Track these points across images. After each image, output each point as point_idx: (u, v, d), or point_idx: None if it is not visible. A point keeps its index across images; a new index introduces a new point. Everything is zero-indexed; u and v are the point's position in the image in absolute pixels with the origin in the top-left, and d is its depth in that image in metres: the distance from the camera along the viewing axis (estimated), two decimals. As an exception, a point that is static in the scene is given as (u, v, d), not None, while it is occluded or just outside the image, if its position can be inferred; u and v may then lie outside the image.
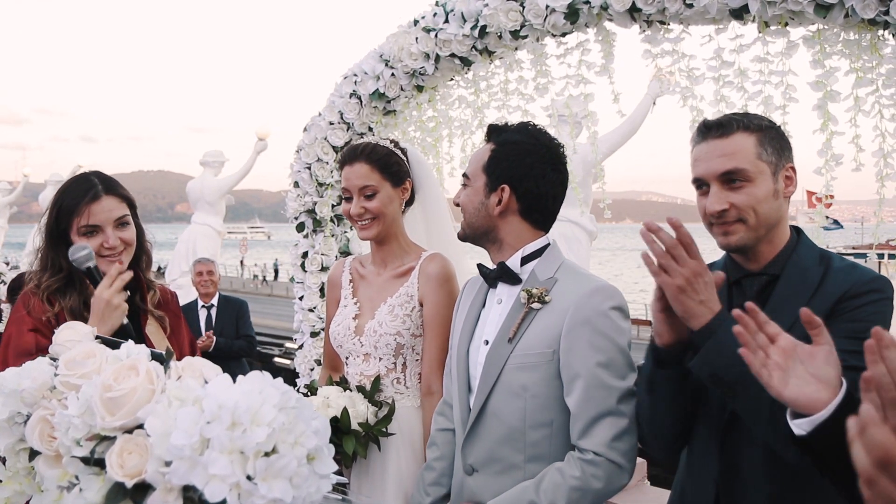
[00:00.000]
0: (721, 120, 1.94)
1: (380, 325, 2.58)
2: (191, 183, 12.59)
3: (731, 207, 1.88)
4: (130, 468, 1.20)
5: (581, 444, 1.97)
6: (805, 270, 1.86)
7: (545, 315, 2.05)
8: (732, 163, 1.87)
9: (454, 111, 3.89)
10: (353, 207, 2.60)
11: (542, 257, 2.15)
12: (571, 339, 1.99)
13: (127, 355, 1.40)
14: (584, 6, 2.94)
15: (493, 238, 2.18)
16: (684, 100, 3.05)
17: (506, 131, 2.18)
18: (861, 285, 1.77)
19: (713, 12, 2.65)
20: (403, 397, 2.61)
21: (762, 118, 1.94)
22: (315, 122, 3.88)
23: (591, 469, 1.94)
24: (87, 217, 2.31)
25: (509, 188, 2.12)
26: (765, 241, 1.91)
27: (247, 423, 1.14)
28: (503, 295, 2.18)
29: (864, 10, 2.40)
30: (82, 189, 2.34)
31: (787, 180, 1.90)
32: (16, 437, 1.44)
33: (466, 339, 2.23)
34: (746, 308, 1.51)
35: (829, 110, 2.72)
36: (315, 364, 4.02)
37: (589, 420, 1.96)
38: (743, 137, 1.88)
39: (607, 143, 8.08)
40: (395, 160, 2.64)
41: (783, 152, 1.90)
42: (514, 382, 2.06)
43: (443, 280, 2.56)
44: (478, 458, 2.12)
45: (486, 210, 2.15)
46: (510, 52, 3.33)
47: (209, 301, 6.60)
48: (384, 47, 3.57)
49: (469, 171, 2.21)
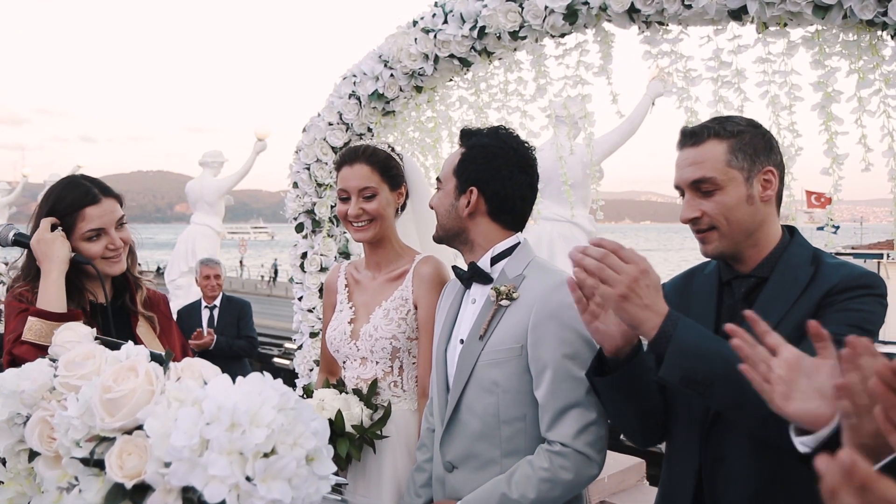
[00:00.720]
0: (695, 128, 1.96)
1: (375, 329, 2.59)
2: (190, 183, 12.59)
3: (703, 215, 1.90)
4: (130, 469, 1.20)
5: (549, 436, 2.01)
6: (795, 269, 1.87)
7: (513, 311, 2.09)
8: (701, 171, 1.89)
9: (454, 112, 3.89)
10: (351, 208, 2.59)
11: (512, 256, 2.19)
12: (538, 333, 2.04)
13: (126, 356, 1.40)
14: (582, 7, 2.95)
15: (463, 239, 2.23)
16: (680, 101, 3.06)
17: (476, 135, 2.23)
18: (850, 280, 1.77)
19: (712, 13, 2.65)
20: (400, 400, 2.61)
21: (741, 122, 1.94)
22: (314, 122, 3.88)
23: (560, 460, 1.98)
24: (91, 220, 2.31)
25: (477, 190, 2.17)
26: (747, 245, 1.92)
27: (246, 425, 1.14)
28: (477, 294, 2.23)
29: (862, 12, 2.40)
30: (79, 193, 2.34)
31: (766, 184, 1.89)
32: (15, 439, 1.44)
33: (444, 339, 2.28)
34: (746, 317, 1.47)
35: (831, 111, 2.73)
36: (314, 364, 4.02)
37: (556, 412, 2.00)
38: (713, 145, 1.89)
39: (606, 143, 8.08)
40: (394, 164, 2.65)
41: (758, 156, 1.89)
42: (485, 378, 2.10)
43: (437, 282, 2.57)
44: (456, 455, 2.16)
45: (456, 212, 2.20)
46: (509, 53, 3.33)
47: (212, 302, 6.59)
48: (383, 48, 3.57)
49: (441, 175, 2.27)
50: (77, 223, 2.32)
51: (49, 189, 2.40)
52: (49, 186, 2.41)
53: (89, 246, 2.33)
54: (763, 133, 1.94)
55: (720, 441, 1.88)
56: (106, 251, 2.34)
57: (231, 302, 6.71)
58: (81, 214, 2.31)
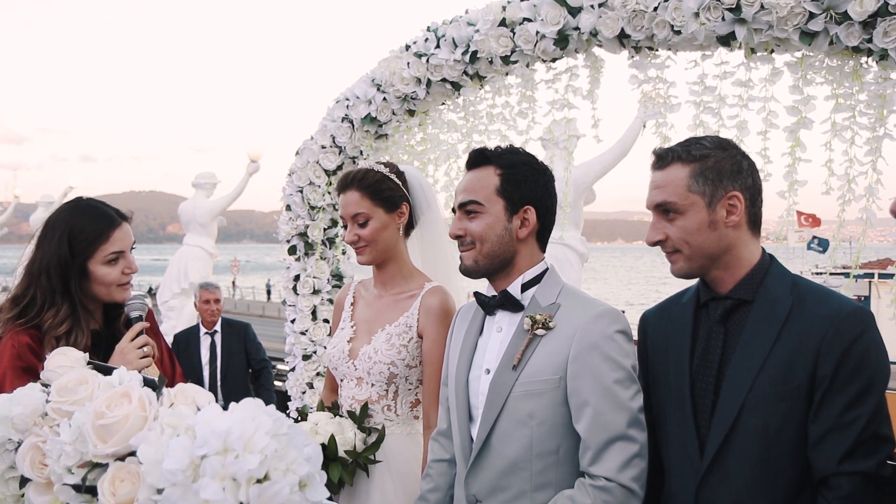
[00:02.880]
0: (662, 151, 1.98)
1: (375, 352, 2.57)
2: (183, 204, 12.57)
3: (668, 239, 1.94)
4: (122, 496, 1.20)
5: (592, 471, 1.93)
6: (774, 302, 1.88)
7: (550, 341, 2.02)
8: (662, 195, 1.92)
9: (444, 135, 3.90)
10: (347, 235, 2.62)
11: (543, 283, 2.13)
12: (578, 365, 1.97)
13: (119, 382, 1.40)
14: (573, 32, 2.98)
15: (507, 264, 2.13)
16: (657, 127, 3.09)
17: (505, 153, 2.16)
18: (840, 321, 1.78)
19: (701, 39, 2.69)
20: (393, 424, 2.60)
21: (708, 145, 1.93)
22: (307, 145, 3.90)
23: (603, 496, 1.90)
24: (115, 243, 2.30)
25: (534, 209, 2.11)
26: (716, 268, 1.93)
27: (239, 450, 1.14)
28: (503, 323, 2.14)
29: (848, 38, 2.44)
30: (102, 216, 2.32)
31: (731, 208, 1.89)
32: (6, 465, 1.44)
33: (465, 368, 2.19)
34: None
35: (799, 136, 2.76)
36: (307, 387, 4.01)
37: (599, 446, 1.92)
38: (676, 169, 1.91)
39: (598, 165, 8.14)
40: (388, 185, 2.61)
41: (721, 181, 1.89)
42: (520, 410, 2.02)
43: (443, 315, 2.54)
44: (482, 489, 2.08)
45: (510, 235, 2.11)
46: (500, 78, 3.36)
47: (212, 328, 6.32)
48: (376, 72, 3.60)
49: (479, 198, 2.12)
50: (101, 246, 2.29)
51: (57, 217, 2.32)
52: (56, 211, 2.35)
53: (109, 270, 2.30)
54: (733, 155, 1.93)
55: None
56: (122, 276, 2.33)
57: (232, 326, 6.45)
58: (106, 237, 2.29)
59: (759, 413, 1.83)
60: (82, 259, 2.28)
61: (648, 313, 2.22)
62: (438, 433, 2.36)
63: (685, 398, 1.96)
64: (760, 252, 1.96)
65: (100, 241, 2.28)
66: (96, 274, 2.29)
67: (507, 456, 2.04)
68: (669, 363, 2.03)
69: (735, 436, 1.85)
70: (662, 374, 2.06)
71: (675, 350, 2.02)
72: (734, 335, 1.92)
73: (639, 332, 2.21)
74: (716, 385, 1.91)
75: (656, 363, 2.10)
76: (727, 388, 1.88)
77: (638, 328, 2.22)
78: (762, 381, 1.83)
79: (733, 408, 1.85)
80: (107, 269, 2.30)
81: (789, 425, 1.81)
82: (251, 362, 6.40)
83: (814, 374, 1.78)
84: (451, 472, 2.28)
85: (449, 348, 2.33)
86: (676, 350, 2.02)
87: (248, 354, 6.36)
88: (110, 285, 2.32)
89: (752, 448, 1.83)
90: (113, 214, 2.34)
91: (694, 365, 1.97)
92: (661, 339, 2.10)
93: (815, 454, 1.79)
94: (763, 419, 1.82)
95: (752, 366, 1.85)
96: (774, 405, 1.81)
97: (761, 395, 1.82)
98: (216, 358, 6.30)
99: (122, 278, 2.33)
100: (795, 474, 1.82)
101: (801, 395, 1.80)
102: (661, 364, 2.07)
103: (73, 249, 2.27)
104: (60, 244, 2.26)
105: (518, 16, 3.07)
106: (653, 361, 2.12)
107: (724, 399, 1.88)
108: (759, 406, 1.83)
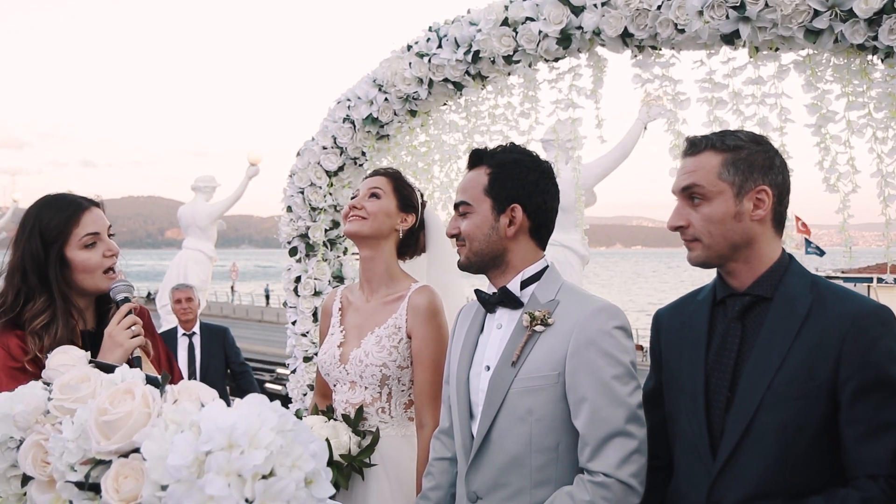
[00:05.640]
0: (696, 138, 1.98)
1: (366, 355, 2.57)
2: (182, 208, 12.57)
3: (689, 226, 1.93)
4: (126, 493, 1.19)
5: (590, 467, 1.94)
6: (793, 299, 1.86)
7: (548, 337, 2.03)
8: (691, 178, 1.91)
9: (446, 135, 3.89)
10: (352, 202, 2.66)
11: (542, 280, 2.14)
12: (577, 361, 1.98)
13: (122, 379, 1.39)
14: (576, 31, 2.97)
15: (499, 262, 2.16)
16: (669, 124, 3.08)
17: (498, 153, 2.19)
18: (861, 319, 1.77)
19: (704, 37, 2.68)
20: (388, 426, 2.60)
21: (742, 137, 1.94)
22: (308, 146, 3.89)
23: (602, 492, 1.90)
24: (87, 225, 2.26)
25: (520, 207, 2.12)
26: (736, 261, 1.92)
27: (245, 446, 1.13)
28: (503, 320, 2.16)
29: (853, 36, 2.43)
30: (67, 203, 2.29)
31: (758, 202, 1.89)
32: (8, 463, 1.43)
33: (466, 365, 2.20)
34: None
35: (827, 130, 2.74)
36: (308, 389, 3.99)
37: (598, 442, 1.93)
38: (708, 156, 1.91)
39: (599, 167, 8.13)
40: (410, 191, 2.73)
41: (753, 173, 1.88)
42: (519, 406, 2.03)
43: (431, 314, 2.56)
44: (482, 486, 2.09)
45: (498, 234, 2.13)
46: (502, 77, 3.35)
47: (190, 329, 6.32)
48: (378, 72, 3.59)
49: (468, 198, 2.17)
50: (73, 230, 2.25)
51: (27, 215, 2.30)
52: (26, 211, 2.33)
53: (89, 255, 2.26)
54: (766, 150, 1.93)
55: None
56: (104, 260, 2.28)
57: (211, 329, 6.47)
58: (76, 221, 2.25)
59: (777, 411, 1.81)
60: (58, 247, 2.24)
61: (662, 311, 2.21)
62: (440, 432, 2.37)
63: (698, 394, 1.94)
64: (781, 251, 1.95)
65: (70, 226, 2.24)
66: (76, 261, 2.25)
67: (506, 452, 2.04)
68: (683, 360, 2.02)
69: (751, 434, 1.83)
70: (675, 371, 2.05)
71: (689, 347, 2.01)
72: (752, 332, 1.90)
73: (651, 331, 2.21)
74: (731, 382, 1.90)
75: (670, 360, 2.09)
76: (744, 386, 1.86)
77: (651, 327, 2.22)
78: (781, 378, 1.81)
79: (751, 405, 1.83)
80: (86, 254, 2.26)
81: (809, 424, 1.80)
82: (231, 366, 6.45)
83: (836, 372, 1.77)
84: (453, 471, 2.29)
85: (451, 347, 2.34)
86: (691, 347, 2.00)
87: (227, 358, 6.41)
88: (94, 271, 2.27)
89: (769, 446, 1.82)
90: (80, 200, 2.31)
91: (709, 362, 1.96)
92: (675, 337, 2.09)
93: (854, 456, 1.77)
94: (781, 417, 1.81)
95: (770, 363, 1.83)
96: (793, 403, 1.80)
97: (780, 393, 1.81)
98: (194, 360, 6.30)
99: (105, 262, 2.28)
100: (812, 473, 1.80)
101: (822, 393, 1.78)
102: (674, 361, 2.06)
103: (45, 240, 2.23)
104: (31, 239, 2.24)
105: (520, 15, 3.06)
106: (666, 359, 2.11)
107: (740, 396, 1.86)
108: (778, 404, 1.81)
